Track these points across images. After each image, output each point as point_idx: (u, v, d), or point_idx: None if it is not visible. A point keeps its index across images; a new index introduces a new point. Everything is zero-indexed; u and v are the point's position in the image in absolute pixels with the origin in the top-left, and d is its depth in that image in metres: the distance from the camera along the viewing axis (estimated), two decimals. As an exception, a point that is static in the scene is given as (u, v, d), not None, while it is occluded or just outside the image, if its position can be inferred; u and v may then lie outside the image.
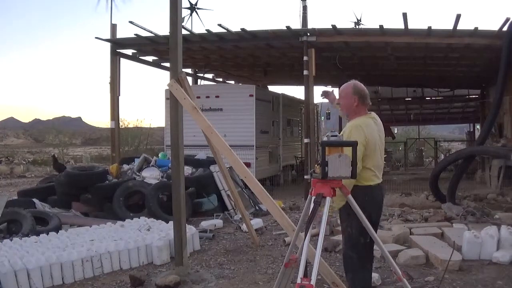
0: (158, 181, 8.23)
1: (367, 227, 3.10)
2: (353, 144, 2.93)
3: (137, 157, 9.81)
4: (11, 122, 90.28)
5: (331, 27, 10.06)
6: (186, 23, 19.53)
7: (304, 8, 14.55)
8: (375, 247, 3.53)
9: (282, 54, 12.27)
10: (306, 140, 10.56)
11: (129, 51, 12.05)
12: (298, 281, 2.56)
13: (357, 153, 3.14)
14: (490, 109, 10.28)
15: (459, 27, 9.44)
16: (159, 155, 10.30)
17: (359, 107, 3.50)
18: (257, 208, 8.44)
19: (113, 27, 11.26)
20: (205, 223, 7.06)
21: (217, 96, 11.79)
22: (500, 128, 13.04)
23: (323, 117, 18.23)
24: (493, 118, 9.28)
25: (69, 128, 40.47)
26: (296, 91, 68.46)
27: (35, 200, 7.92)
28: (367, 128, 3.40)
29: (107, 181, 8.41)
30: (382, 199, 3.56)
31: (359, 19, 21.85)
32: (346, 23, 45.24)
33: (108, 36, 11.17)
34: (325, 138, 2.93)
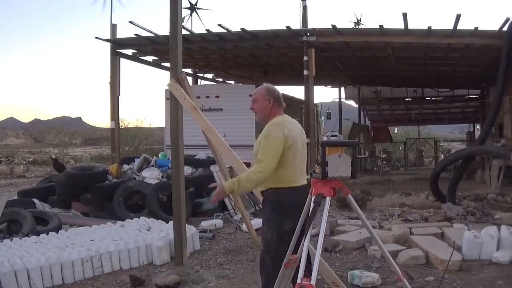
0: (158, 181, 8.22)
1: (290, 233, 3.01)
2: (354, 144, 2.93)
3: (137, 157, 9.80)
4: (11, 122, 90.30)
5: (331, 27, 10.07)
6: (186, 23, 19.50)
7: (304, 8, 14.56)
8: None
9: (282, 54, 12.28)
10: (306, 140, 10.54)
11: (129, 51, 12.06)
12: (298, 281, 2.56)
13: (276, 151, 3.19)
14: (490, 109, 10.28)
15: (459, 27, 9.46)
16: (159, 155, 10.30)
17: (274, 109, 3.48)
18: (257, 208, 8.43)
19: (113, 27, 11.27)
20: (205, 223, 7.06)
21: (217, 96, 11.79)
22: (500, 128, 13.04)
23: (323, 117, 18.22)
24: (493, 118, 9.28)
25: (69, 128, 40.52)
26: (296, 91, 68.46)
27: (35, 200, 7.92)
28: (287, 125, 3.38)
29: (107, 181, 8.40)
30: (302, 203, 3.16)
31: (359, 19, 21.77)
32: (346, 23, 45.27)
33: (108, 36, 11.19)
34: (325, 138, 2.92)
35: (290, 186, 3.29)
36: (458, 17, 9.19)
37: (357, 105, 20.85)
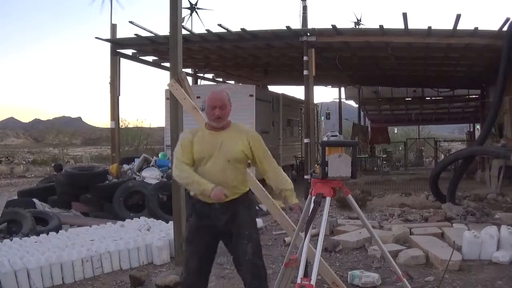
0: (158, 181, 8.22)
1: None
2: (354, 144, 2.94)
3: (137, 157, 9.80)
4: (11, 122, 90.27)
5: (331, 27, 10.06)
6: (186, 23, 19.49)
7: (304, 8, 14.58)
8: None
9: (282, 54, 12.26)
10: (306, 140, 10.55)
11: (129, 51, 12.04)
12: (298, 281, 2.56)
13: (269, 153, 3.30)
14: (490, 109, 10.27)
15: (459, 27, 9.44)
16: (159, 155, 10.30)
17: None
18: (257, 208, 8.44)
19: (113, 27, 11.25)
20: (205, 223, 7.04)
21: None
22: (500, 128, 13.03)
23: (323, 117, 18.22)
24: (493, 118, 9.27)
25: (69, 128, 40.46)
26: (296, 91, 68.39)
27: (35, 200, 7.92)
28: None
29: (107, 181, 8.41)
30: None
31: (359, 19, 21.75)
32: (346, 23, 45.28)
33: (108, 36, 11.17)
34: (325, 138, 2.93)
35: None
36: (458, 17, 9.19)
37: (357, 105, 20.86)
